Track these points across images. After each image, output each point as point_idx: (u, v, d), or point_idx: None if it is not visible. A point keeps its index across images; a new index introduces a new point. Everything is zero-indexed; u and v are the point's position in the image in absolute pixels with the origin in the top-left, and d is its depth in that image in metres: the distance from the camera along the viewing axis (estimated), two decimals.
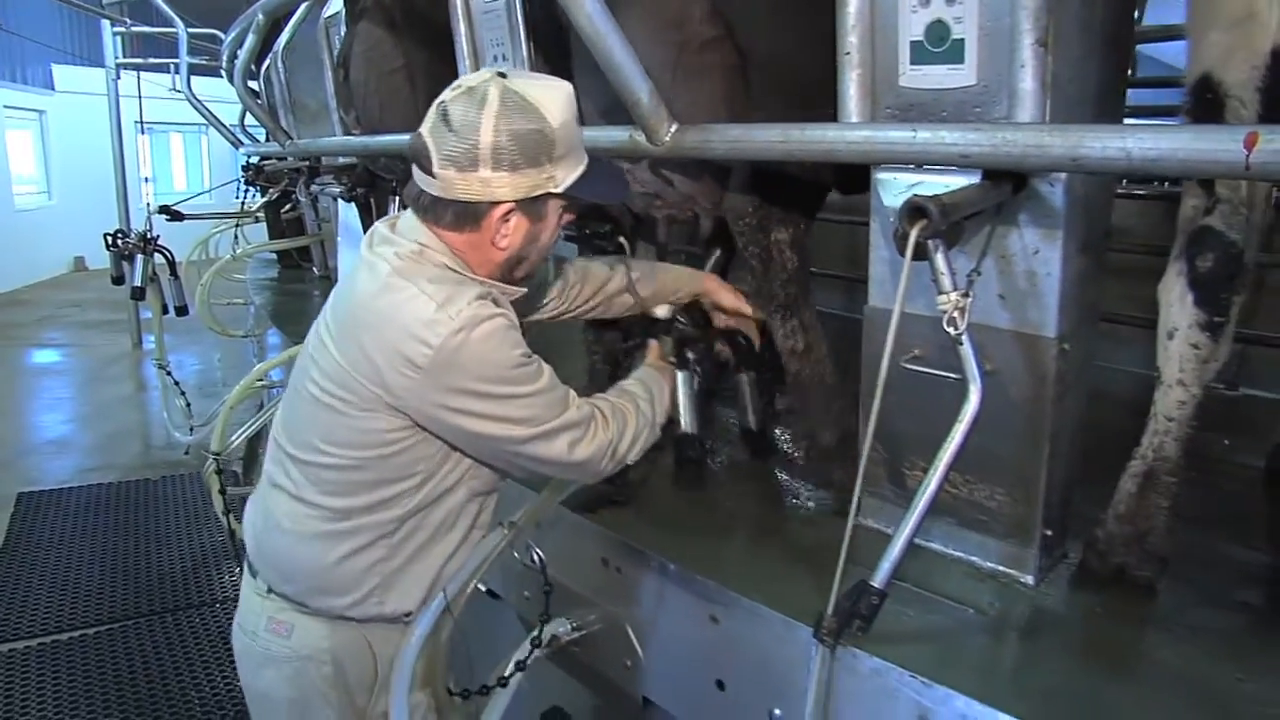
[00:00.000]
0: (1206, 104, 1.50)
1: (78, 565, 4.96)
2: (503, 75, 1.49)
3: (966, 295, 1.41)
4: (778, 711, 1.67)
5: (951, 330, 1.43)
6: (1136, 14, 3.12)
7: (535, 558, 1.84)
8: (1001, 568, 1.80)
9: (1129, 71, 1.87)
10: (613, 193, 1.72)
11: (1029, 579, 1.77)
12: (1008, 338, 1.68)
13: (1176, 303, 1.59)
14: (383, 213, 3.55)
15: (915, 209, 1.39)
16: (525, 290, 1.70)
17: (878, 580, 1.48)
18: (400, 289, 1.50)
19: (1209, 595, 1.75)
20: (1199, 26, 1.52)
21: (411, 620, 1.67)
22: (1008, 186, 1.55)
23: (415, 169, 1.54)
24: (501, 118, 1.45)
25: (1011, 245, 1.63)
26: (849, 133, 1.62)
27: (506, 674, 1.78)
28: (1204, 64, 1.51)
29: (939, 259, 1.41)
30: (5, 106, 13.54)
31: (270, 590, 1.68)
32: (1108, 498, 1.79)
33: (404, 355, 1.46)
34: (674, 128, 1.83)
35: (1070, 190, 1.57)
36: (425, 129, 1.50)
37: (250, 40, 4.19)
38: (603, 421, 1.65)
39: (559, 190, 1.53)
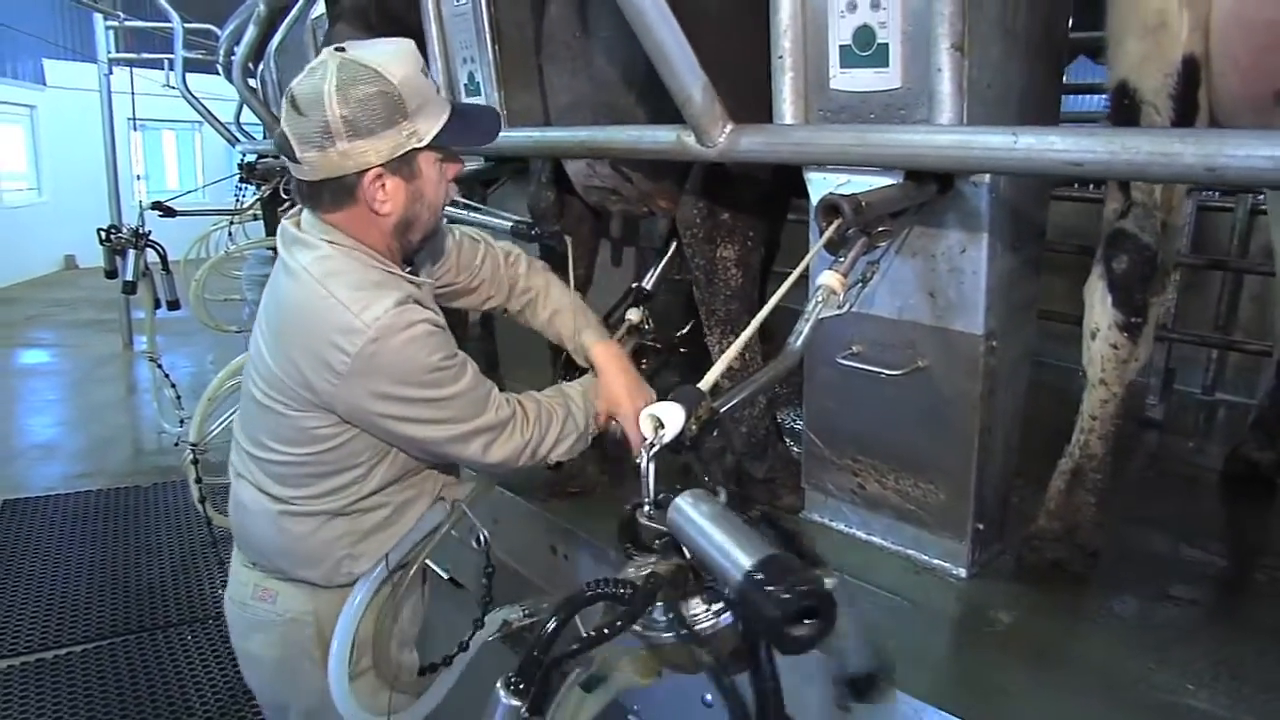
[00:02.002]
0: (1124, 109, 1.62)
1: (65, 577, 4.89)
2: (341, 49, 1.57)
3: (858, 283, 1.53)
4: (708, 697, 1.78)
5: (813, 302, 1.52)
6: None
7: (481, 539, 1.92)
8: (936, 561, 1.91)
9: (1062, 75, 1.97)
10: (483, 138, 1.77)
11: (961, 572, 1.88)
12: (937, 334, 1.79)
13: (1098, 304, 1.70)
14: None
15: (830, 207, 1.51)
16: (443, 284, 1.83)
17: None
18: (321, 298, 1.59)
19: (1142, 591, 1.86)
20: (1117, 34, 1.64)
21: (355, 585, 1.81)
22: (932, 187, 1.67)
23: (288, 162, 1.64)
24: (342, 88, 1.52)
25: (939, 244, 1.74)
26: (937, 136, 1.51)
27: (451, 654, 1.90)
28: (1121, 71, 1.63)
29: (852, 253, 1.53)
30: None
31: (255, 563, 1.85)
32: None
33: (325, 362, 1.58)
34: (728, 128, 1.74)
35: (995, 190, 1.68)
36: (283, 120, 1.59)
37: (251, 32, 4.31)
38: (523, 423, 1.74)
39: (423, 144, 1.60)
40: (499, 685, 1.12)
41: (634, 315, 2.28)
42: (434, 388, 1.62)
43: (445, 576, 2.41)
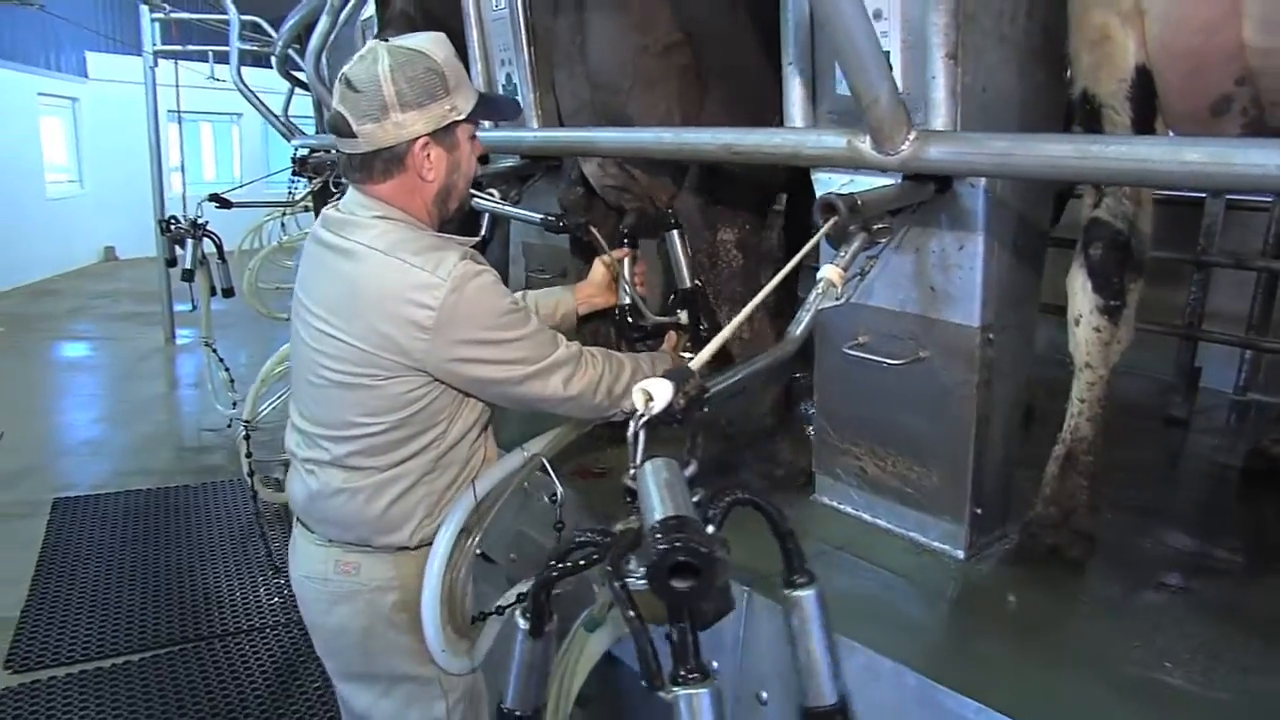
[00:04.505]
0: (1087, 114, 1.84)
1: (119, 581, 4.94)
2: (385, 39, 1.87)
3: (856, 276, 1.72)
4: (715, 664, 1.99)
5: (814, 293, 1.69)
6: None
7: (556, 495, 2.09)
8: (936, 543, 2.10)
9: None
10: (509, 114, 2.29)
11: (959, 554, 2.06)
12: (936, 326, 1.98)
13: (1079, 291, 1.90)
14: None
15: (827, 205, 1.71)
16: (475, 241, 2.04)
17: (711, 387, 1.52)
18: (391, 267, 1.82)
19: (1134, 578, 2.02)
20: (1075, 49, 1.85)
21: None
22: (929, 187, 1.86)
23: (340, 140, 1.89)
24: (395, 69, 1.81)
25: (937, 241, 1.93)
26: (1184, 150, 1.28)
27: (506, 603, 2.11)
28: (1082, 82, 1.85)
29: (851, 248, 1.72)
30: (39, 94, 14.40)
31: (331, 540, 2.04)
32: None
33: (412, 321, 1.81)
34: (912, 135, 1.60)
35: (991, 192, 1.87)
36: (336, 101, 1.85)
37: (324, 22, 4.56)
38: (591, 359, 1.97)
39: (463, 117, 1.91)
40: (517, 614, 1.35)
41: (684, 316, 2.51)
42: (510, 329, 1.86)
43: (476, 551, 2.63)
